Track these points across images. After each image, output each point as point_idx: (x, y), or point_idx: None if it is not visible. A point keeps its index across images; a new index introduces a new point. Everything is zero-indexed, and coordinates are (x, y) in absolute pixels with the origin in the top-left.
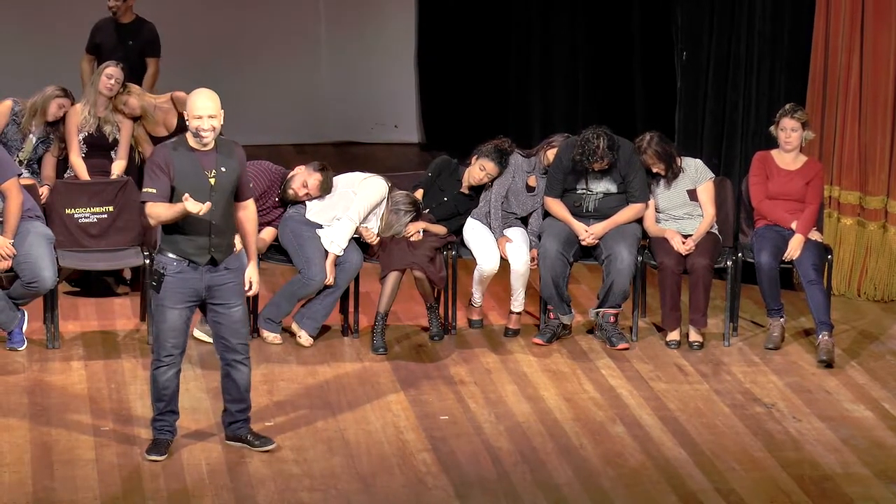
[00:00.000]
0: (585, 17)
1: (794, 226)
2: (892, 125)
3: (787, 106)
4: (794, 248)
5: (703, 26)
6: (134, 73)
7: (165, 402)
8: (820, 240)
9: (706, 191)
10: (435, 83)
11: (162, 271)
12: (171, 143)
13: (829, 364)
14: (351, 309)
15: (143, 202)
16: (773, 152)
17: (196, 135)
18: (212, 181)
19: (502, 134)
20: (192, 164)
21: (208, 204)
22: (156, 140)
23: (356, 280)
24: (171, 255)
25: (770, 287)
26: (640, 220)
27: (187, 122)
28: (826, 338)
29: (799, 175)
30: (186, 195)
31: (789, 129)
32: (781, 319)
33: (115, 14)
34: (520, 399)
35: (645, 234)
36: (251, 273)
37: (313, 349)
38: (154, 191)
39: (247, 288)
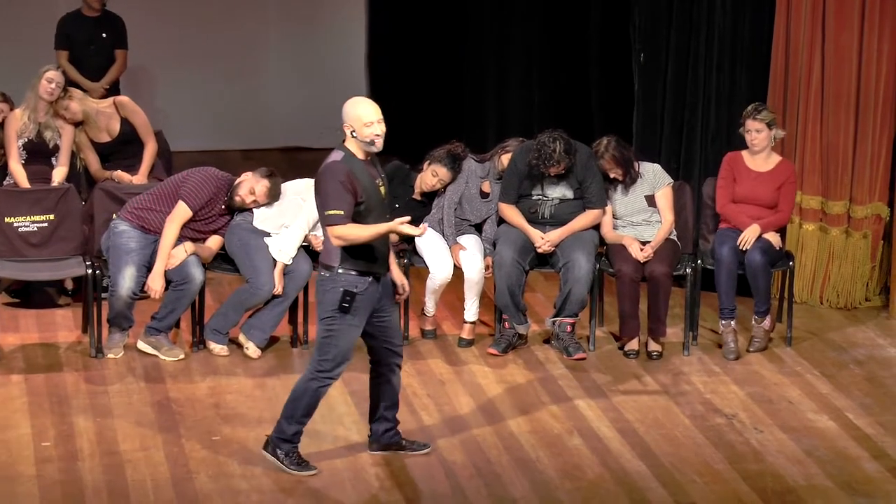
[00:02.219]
0: (541, 18)
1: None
2: (855, 126)
3: (750, 107)
4: (747, 237)
5: (661, 26)
6: (108, 66)
7: (310, 417)
8: (777, 246)
9: (665, 196)
10: (386, 86)
11: (354, 290)
12: (340, 158)
13: (763, 348)
14: (300, 319)
15: (331, 225)
16: (745, 153)
17: (371, 143)
18: (382, 190)
19: (456, 138)
20: (367, 176)
21: (425, 225)
22: (98, 147)
23: (305, 289)
24: (355, 272)
25: (727, 281)
26: (597, 227)
27: (354, 133)
28: (768, 322)
29: (769, 178)
30: (404, 219)
31: (753, 131)
32: (733, 323)
33: (89, 7)
34: (474, 411)
35: (602, 241)
36: (401, 277)
37: (261, 361)
38: (342, 212)
39: (403, 293)
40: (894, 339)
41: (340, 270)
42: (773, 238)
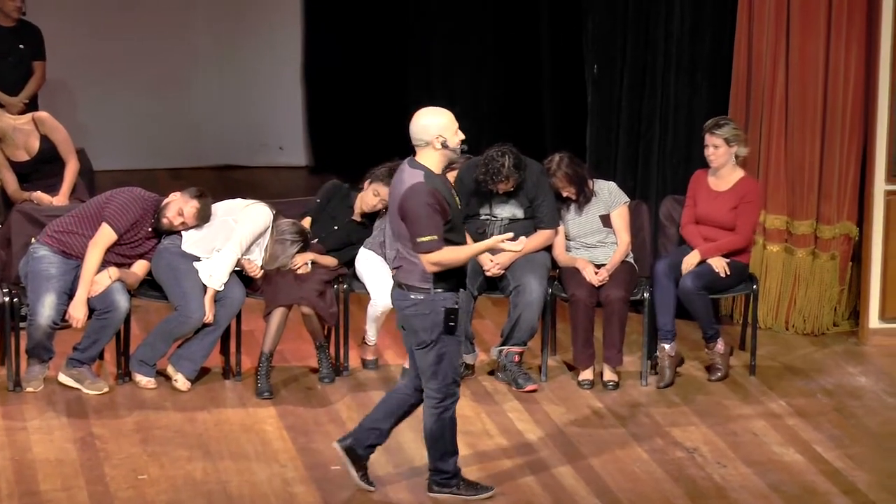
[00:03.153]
0: (490, 27)
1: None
2: (822, 140)
3: (711, 121)
4: (687, 263)
5: (615, 34)
6: (27, 79)
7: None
8: (723, 273)
9: (621, 216)
10: (323, 100)
11: (455, 307)
12: (423, 178)
13: (725, 375)
14: (232, 349)
15: (426, 252)
16: (710, 170)
17: (460, 151)
18: (457, 201)
19: (398, 156)
20: (448, 191)
21: (522, 238)
22: (16, 166)
23: (238, 317)
24: (451, 289)
25: (661, 300)
26: (549, 249)
27: (446, 143)
28: (720, 345)
29: (726, 197)
30: (506, 235)
31: (711, 146)
32: (668, 346)
33: (5, 16)
34: (419, 446)
35: (555, 264)
36: None
37: (191, 393)
38: (436, 237)
39: None
40: (864, 366)
41: (437, 290)
42: (717, 263)
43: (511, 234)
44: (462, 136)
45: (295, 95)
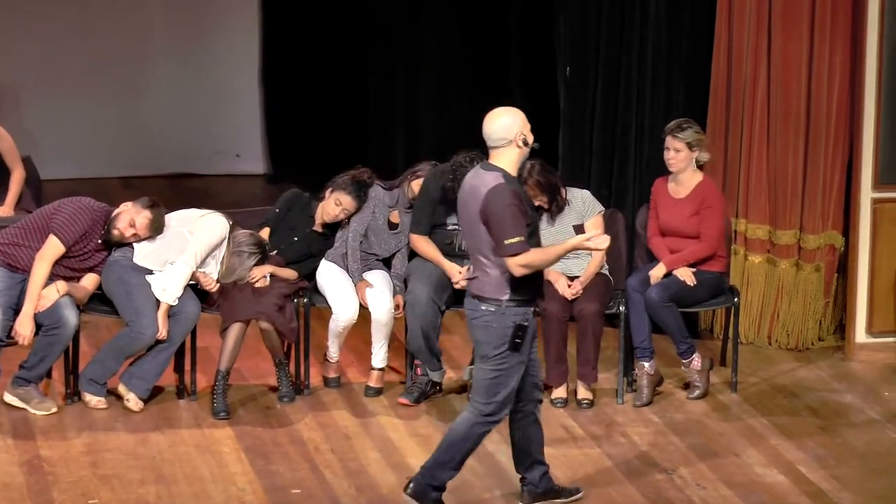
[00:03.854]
0: (456, 27)
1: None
2: (806, 146)
3: (673, 122)
4: (652, 278)
5: (588, 35)
6: None
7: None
8: (691, 283)
9: (595, 226)
10: (282, 105)
11: (525, 324)
12: (504, 180)
13: (704, 393)
14: (187, 367)
15: (514, 254)
16: (670, 177)
17: (532, 148)
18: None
19: (361, 163)
20: (525, 193)
21: (607, 237)
22: None
23: (193, 333)
24: (522, 303)
25: (635, 317)
26: None
27: (525, 140)
28: (697, 361)
29: (686, 204)
30: (593, 233)
31: (672, 150)
32: (647, 364)
33: None
34: (384, 468)
35: None
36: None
37: (144, 414)
38: (522, 238)
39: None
40: (851, 382)
41: (510, 303)
42: (683, 273)
43: (597, 232)
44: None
45: (252, 100)
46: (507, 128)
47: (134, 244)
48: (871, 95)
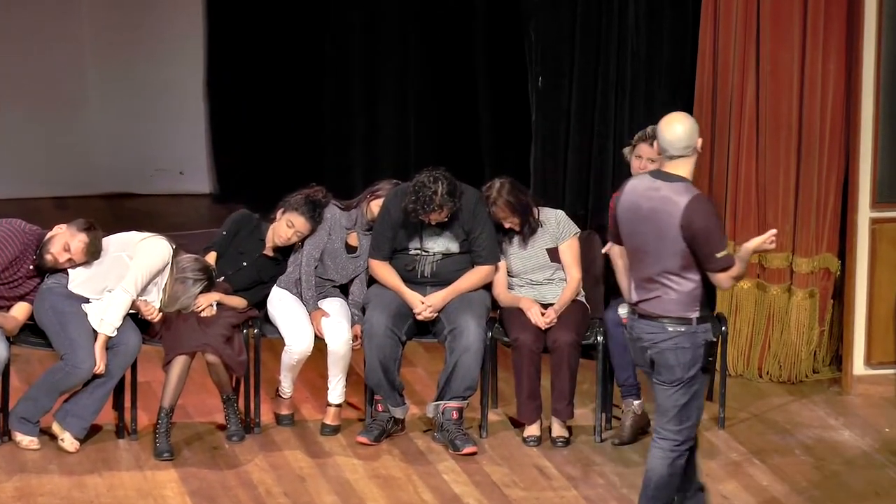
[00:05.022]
0: (417, 34)
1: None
2: (798, 161)
3: (650, 128)
4: (620, 307)
5: (562, 42)
6: None
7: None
8: None
9: (570, 249)
10: (229, 119)
11: (714, 340)
12: (697, 190)
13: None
14: (127, 403)
15: (725, 268)
16: None
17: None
18: None
19: (315, 182)
20: None
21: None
22: None
23: (133, 367)
24: (708, 320)
25: (617, 350)
26: (488, 287)
27: (699, 148)
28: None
29: None
30: (771, 232)
31: (645, 159)
32: (636, 404)
33: None
34: None
35: (495, 304)
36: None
37: (80, 455)
38: (729, 251)
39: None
40: (848, 418)
41: (700, 321)
42: None
43: (773, 232)
44: None
45: (197, 113)
46: (691, 134)
47: (69, 270)
48: (869, 105)
